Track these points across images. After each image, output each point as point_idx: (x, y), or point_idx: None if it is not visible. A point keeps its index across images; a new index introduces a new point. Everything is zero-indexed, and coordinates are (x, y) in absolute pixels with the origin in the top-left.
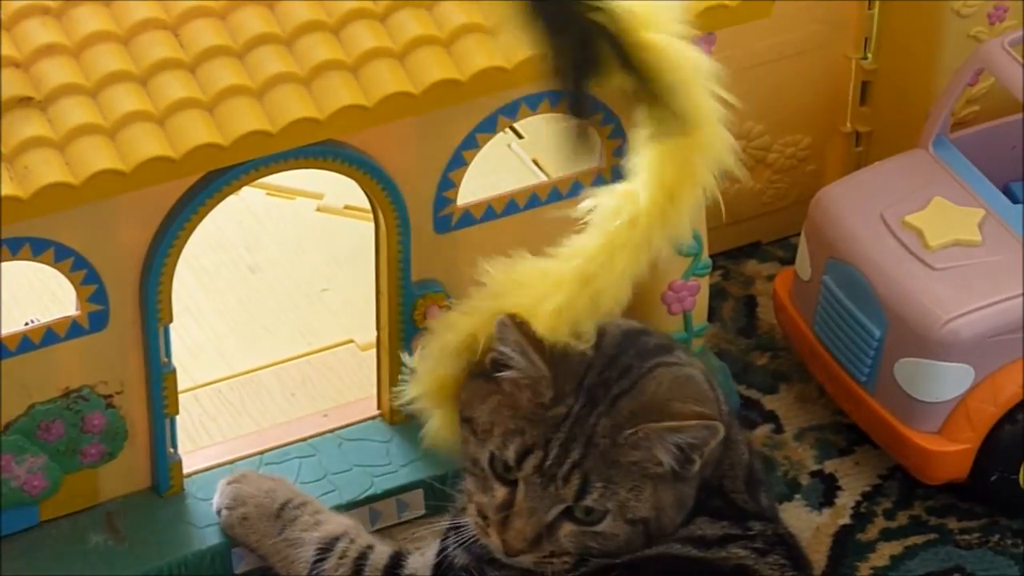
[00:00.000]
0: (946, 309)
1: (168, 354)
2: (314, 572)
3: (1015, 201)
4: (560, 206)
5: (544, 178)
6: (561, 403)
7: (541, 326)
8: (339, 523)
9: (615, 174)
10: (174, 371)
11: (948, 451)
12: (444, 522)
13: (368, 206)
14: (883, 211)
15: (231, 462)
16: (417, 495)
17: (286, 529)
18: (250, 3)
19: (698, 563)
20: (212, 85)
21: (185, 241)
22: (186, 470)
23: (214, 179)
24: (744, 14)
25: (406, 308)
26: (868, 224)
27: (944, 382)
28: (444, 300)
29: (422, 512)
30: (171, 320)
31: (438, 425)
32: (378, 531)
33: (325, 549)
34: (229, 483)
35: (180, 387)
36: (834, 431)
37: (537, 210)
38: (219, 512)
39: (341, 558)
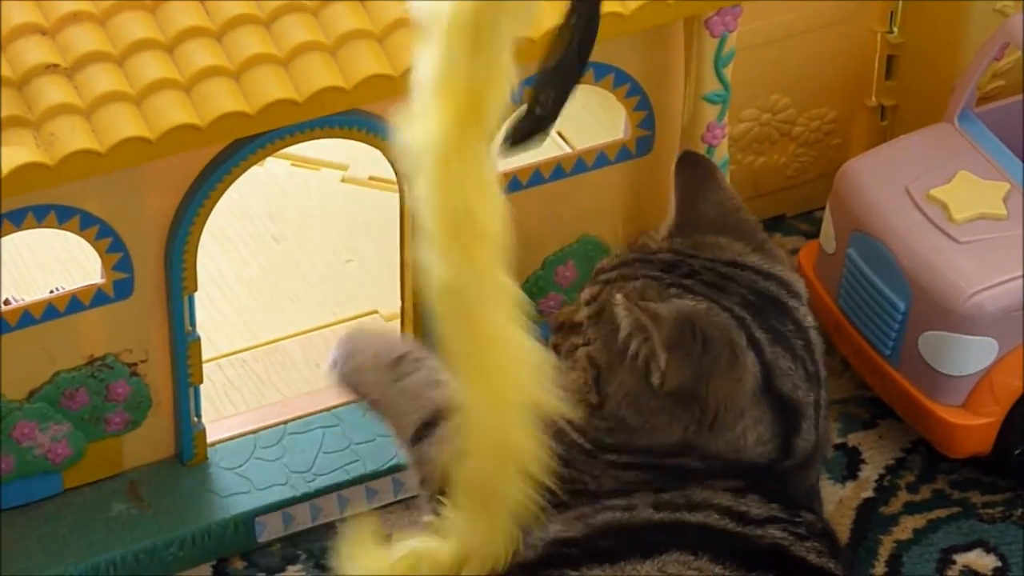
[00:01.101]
0: (970, 282)
1: (193, 323)
2: (417, 436)
3: None
4: (585, 177)
5: (568, 150)
6: None
7: None
8: None
9: (639, 146)
10: (198, 340)
11: (972, 425)
12: None
13: (393, 177)
14: (908, 184)
15: (255, 431)
16: None
17: (401, 380)
18: None
19: (732, 536)
20: (238, 53)
21: (210, 210)
22: (210, 439)
23: (240, 148)
24: None
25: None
26: (893, 197)
27: (968, 356)
28: None
29: None
30: (196, 289)
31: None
32: (400, 502)
33: (435, 418)
34: (346, 336)
35: (204, 356)
36: (858, 404)
37: (562, 181)
38: (334, 365)
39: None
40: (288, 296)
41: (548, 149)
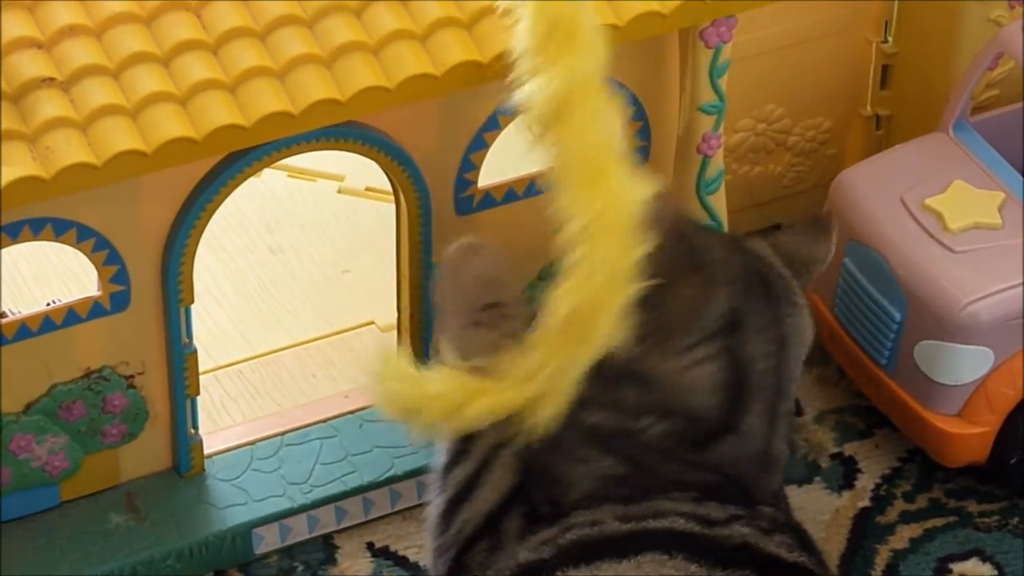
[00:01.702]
0: (966, 292)
1: (189, 335)
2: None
3: None
4: None
5: None
6: None
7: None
8: None
9: (636, 157)
10: (195, 352)
11: (967, 434)
12: None
13: (389, 188)
14: (903, 194)
15: (252, 443)
16: None
17: (471, 328)
18: None
19: (701, 538)
20: (234, 66)
21: (207, 222)
22: (207, 451)
23: (236, 160)
24: None
25: (427, 290)
26: (888, 207)
27: (964, 365)
28: None
29: None
30: (192, 301)
31: None
32: (397, 513)
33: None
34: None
35: (201, 368)
36: (854, 413)
37: None
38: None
39: None
40: (285, 307)
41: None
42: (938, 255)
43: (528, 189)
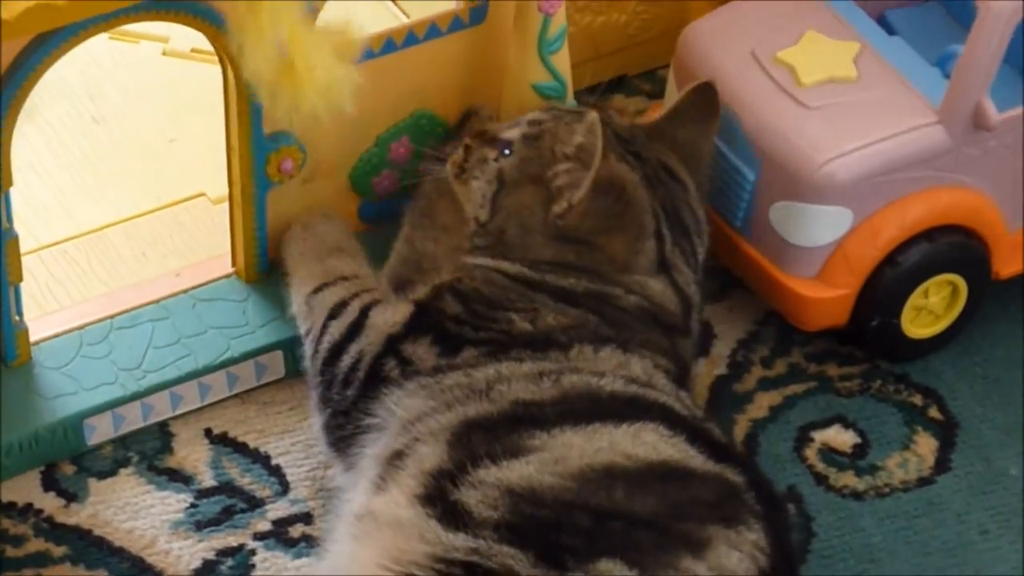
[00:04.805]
0: (822, 150)
1: (10, 219)
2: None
3: (891, 32)
4: (416, 50)
5: (404, 20)
6: None
7: None
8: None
9: (473, 16)
10: (16, 237)
11: (826, 297)
12: None
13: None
14: (754, 47)
15: (81, 327)
16: (276, 357)
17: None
18: None
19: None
20: None
21: (22, 103)
22: (33, 338)
23: (51, 36)
24: None
25: (259, 163)
26: (738, 61)
27: (821, 226)
28: (299, 153)
29: (282, 375)
30: (11, 184)
31: None
32: (235, 396)
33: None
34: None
35: (24, 248)
36: (707, 275)
37: (393, 55)
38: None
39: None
40: (110, 180)
41: (382, 21)
42: (792, 112)
43: (363, 53)
